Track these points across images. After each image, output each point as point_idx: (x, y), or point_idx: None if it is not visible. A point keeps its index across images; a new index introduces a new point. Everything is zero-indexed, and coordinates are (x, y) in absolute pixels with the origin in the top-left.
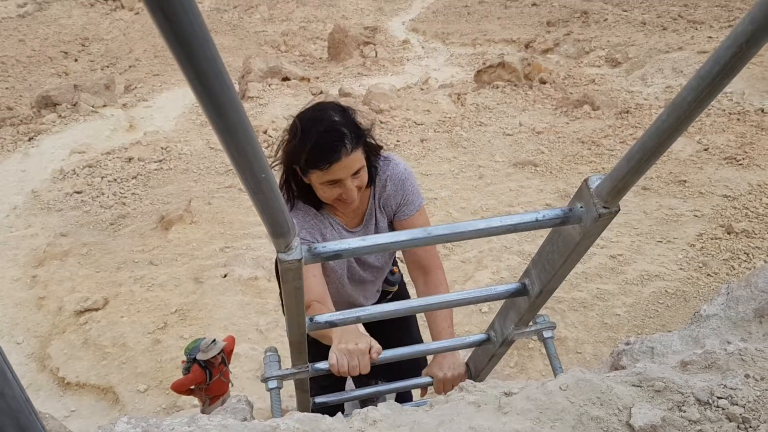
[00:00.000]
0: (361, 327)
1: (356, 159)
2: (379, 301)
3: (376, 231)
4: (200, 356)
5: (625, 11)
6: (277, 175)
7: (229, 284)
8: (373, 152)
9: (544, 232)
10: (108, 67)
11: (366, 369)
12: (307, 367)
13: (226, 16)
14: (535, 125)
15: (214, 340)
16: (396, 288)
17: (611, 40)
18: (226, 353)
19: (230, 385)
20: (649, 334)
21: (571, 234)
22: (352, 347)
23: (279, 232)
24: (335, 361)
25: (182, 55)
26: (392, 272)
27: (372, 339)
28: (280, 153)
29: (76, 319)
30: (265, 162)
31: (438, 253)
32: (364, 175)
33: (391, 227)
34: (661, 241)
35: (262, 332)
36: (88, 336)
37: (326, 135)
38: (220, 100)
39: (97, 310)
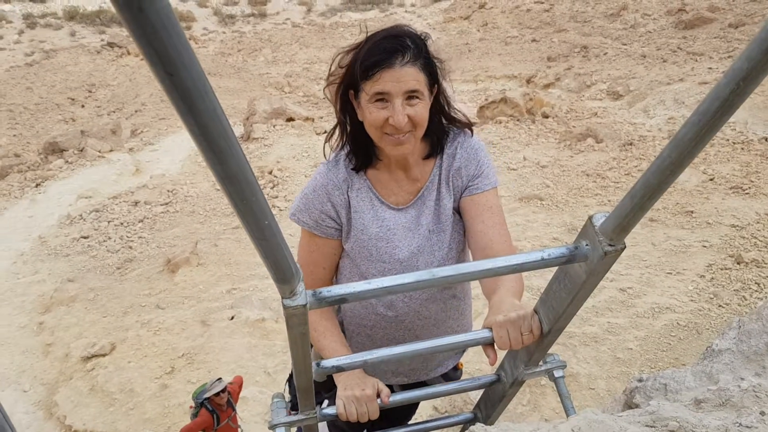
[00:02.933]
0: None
1: (413, 76)
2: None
3: (437, 210)
4: (207, 395)
5: (625, 45)
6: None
7: (237, 326)
8: (443, 98)
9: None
10: (114, 112)
11: (375, 415)
12: (315, 412)
13: (231, 59)
14: (540, 159)
15: (220, 379)
16: None
17: (612, 74)
18: (234, 394)
19: (239, 430)
20: (662, 369)
21: (577, 272)
22: (359, 394)
23: (283, 278)
24: (343, 410)
25: (183, 108)
26: (456, 367)
27: (379, 382)
28: (337, 72)
29: (83, 366)
30: (268, 209)
31: (512, 245)
32: (422, 111)
33: (456, 211)
34: (670, 273)
35: (270, 374)
36: (95, 382)
37: (385, 39)
38: (221, 151)
39: (104, 355)
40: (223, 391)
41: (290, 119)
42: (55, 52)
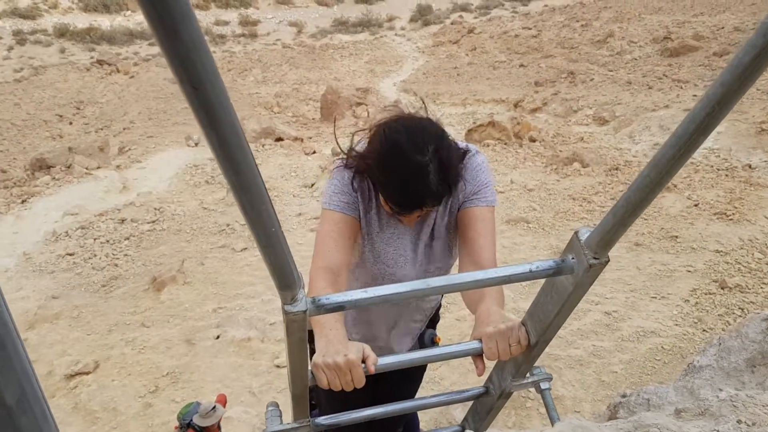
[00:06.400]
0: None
1: (429, 209)
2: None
3: (434, 229)
4: (198, 421)
5: (611, 71)
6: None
7: (222, 345)
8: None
9: (537, 290)
10: (102, 129)
11: (360, 383)
12: (308, 421)
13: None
14: (527, 182)
15: (215, 407)
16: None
17: (598, 99)
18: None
19: None
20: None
21: (564, 284)
22: (340, 360)
23: (286, 285)
24: (325, 381)
25: (205, 121)
26: (434, 340)
27: (365, 346)
28: (355, 147)
29: (66, 384)
30: (275, 217)
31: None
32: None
33: (451, 226)
34: (655, 297)
35: (255, 395)
36: (78, 400)
37: (410, 192)
38: (238, 162)
39: (87, 373)
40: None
41: (279, 139)
42: (45, 68)
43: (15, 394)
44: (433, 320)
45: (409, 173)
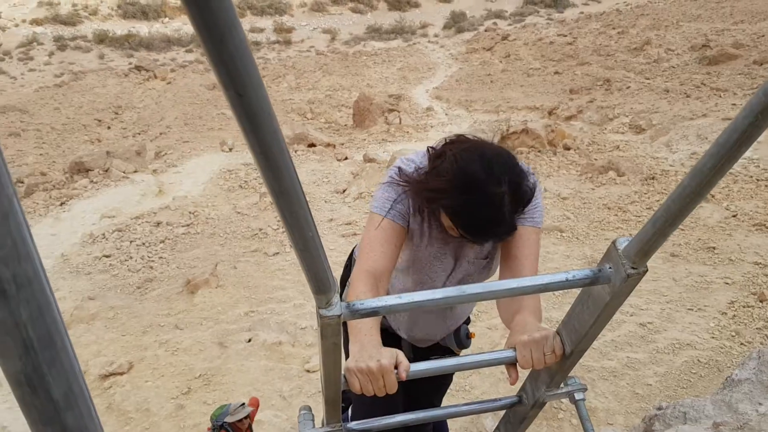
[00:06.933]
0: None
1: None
2: (425, 355)
3: (473, 252)
4: (228, 418)
5: (648, 79)
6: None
7: (254, 349)
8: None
9: (570, 300)
10: (139, 134)
11: (393, 389)
12: (341, 425)
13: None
14: (561, 191)
15: (243, 404)
16: (458, 354)
17: (635, 107)
18: (251, 417)
19: None
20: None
21: (600, 294)
22: (373, 365)
23: (321, 289)
24: (358, 386)
25: (248, 127)
26: (468, 335)
27: (398, 352)
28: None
29: (100, 384)
30: (313, 222)
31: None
32: None
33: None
34: (691, 309)
35: (285, 398)
36: (112, 401)
37: (485, 222)
38: (279, 167)
39: (121, 374)
40: (246, 417)
41: (311, 145)
42: (84, 74)
43: (62, 388)
44: (468, 318)
45: (484, 204)
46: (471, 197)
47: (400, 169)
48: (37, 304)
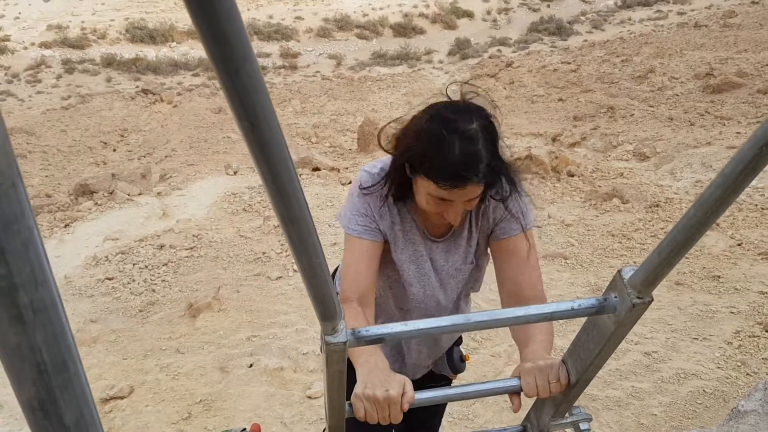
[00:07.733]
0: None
1: (479, 189)
2: (421, 385)
3: (467, 247)
4: None
5: (652, 107)
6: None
7: (255, 374)
8: (509, 185)
9: (575, 328)
10: (145, 156)
11: (397, 419)
12: None
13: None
14: (564, 218)
15: (244, 430)
16: (453, 379)
17: (639, 135)
18: None
19: None
20: None
21: (605, 323)
22: (381, 395)
23: (327, 316)
24: (363, 413)
25: (260, 156)
26: (462, 358)
27: (406, 380)
28: (396, 136)
29: (101, 407)
30: (321, 249)
31: (543, 289)
32: (476, 201)
33: (486, 246)
34: (696, 338)
35: (287, 425)
36: (111, 425)
37: (461, 156)
38: (288, 195)
39: (122, 398)
40: None
41: (316, 169)
42: (91, 96)
43: (74, 414)
44: (459, 339)
45: (461, 140)
46: (444, 138)
47: (366, 172)
48: (52, 330)
